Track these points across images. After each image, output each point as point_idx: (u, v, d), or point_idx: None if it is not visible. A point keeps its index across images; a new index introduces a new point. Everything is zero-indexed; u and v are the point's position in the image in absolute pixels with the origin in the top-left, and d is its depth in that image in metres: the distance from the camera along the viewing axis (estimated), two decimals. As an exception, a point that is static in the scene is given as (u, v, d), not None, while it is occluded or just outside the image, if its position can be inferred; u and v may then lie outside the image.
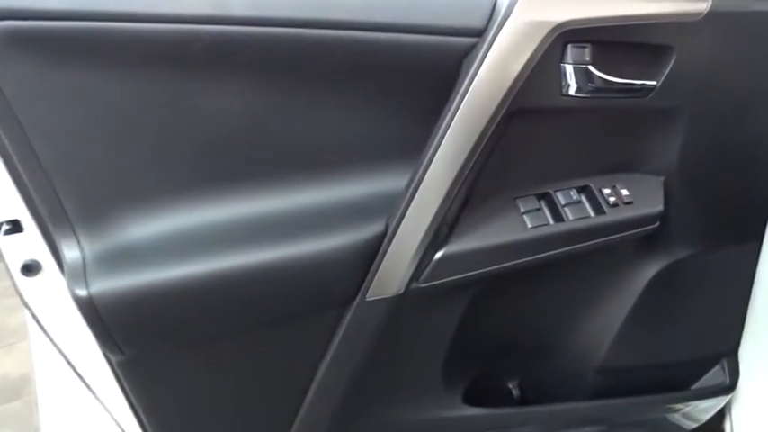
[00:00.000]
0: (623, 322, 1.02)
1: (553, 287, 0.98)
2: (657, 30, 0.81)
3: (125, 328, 0.76)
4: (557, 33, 0.76)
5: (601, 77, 0.81)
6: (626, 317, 1.02)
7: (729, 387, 1.10)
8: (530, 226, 0.85)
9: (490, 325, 0.98)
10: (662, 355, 1.09)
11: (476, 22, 0.75)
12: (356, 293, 0.83)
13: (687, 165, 0.91)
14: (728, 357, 1.11)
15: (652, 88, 0.84)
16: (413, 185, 0.81)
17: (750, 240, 1.03)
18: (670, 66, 0.83)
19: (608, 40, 0.80)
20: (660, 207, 0.91)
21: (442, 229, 0.82)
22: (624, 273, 0.99)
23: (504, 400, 1.08)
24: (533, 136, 0.85)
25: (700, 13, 0.81)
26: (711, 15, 0.82)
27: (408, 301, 0.84)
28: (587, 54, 0.80)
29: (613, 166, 0.91)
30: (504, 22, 0.75)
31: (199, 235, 0.78)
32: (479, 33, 0.76)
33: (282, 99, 0.77)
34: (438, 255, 0.83)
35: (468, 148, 0.79)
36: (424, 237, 0.81)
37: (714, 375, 1.11)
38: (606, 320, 1.03)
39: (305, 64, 0.75)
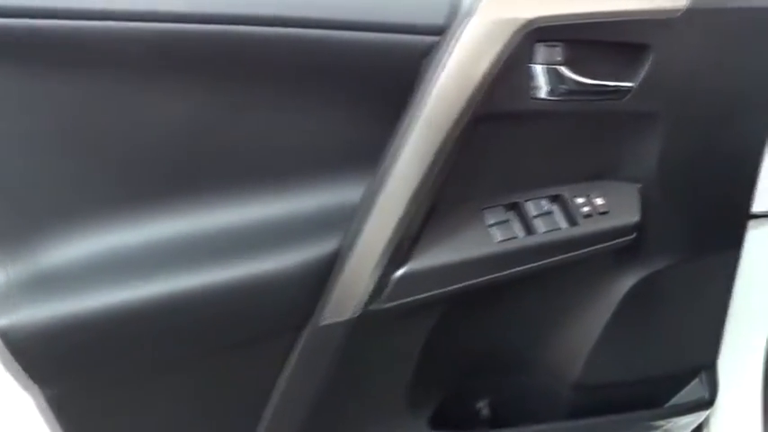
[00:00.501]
0: (599, 337, 0.97)
1: (525, 302, 0.92)
2: (633, 27, 0.75)
3: (52, 361, 0.68)
4: (525, 31, 0.70)
5: (573, 79, 0.75)
6: (602, 331, 0.96)
7: (709, 402, 1.05)
8: (497, 240, 0.79)
9: (458, 344, 0.92)
10: (639, 370, 1.03)
11: (435, 18, 0.69)
12: (310, 317, 0.76)
13: (665, 171, 0.86)
14: (707, 371, 1.06)
15: (628, 90, 0.78)
16: (371, 197, 0.74)
17: (728, 249, 0.98)
18: (647, 66, 0.77)
19: (581, 39, 0.74)
20: (637, 217, 0.85)
21: (403, 245, 0.75)
22: (599, 285, 0.93)
23: (475, 421, 1.02)
24: (501, 142, 0.78)
25: (678, 10, 0.76)
26: (690, 13, 0.76)
27: (367, 324, 0.77)
28: (559, 54, 0.74)
29: (588, 174, 0.85)
30: (468, 19, 0.69)
31: (134, 256, 0.70)
32: (440, 31, 0.69)
33: (225, 104, 0.69)
34: (399, 273, 0.76)
35: (431, 156, 0.72)
36: (384, 253, 0.74)
37: (693, 390, 1.06)
38: (581, 335, 0.97)
39: (249, 65, 0.68)
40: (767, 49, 0.84)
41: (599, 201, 0.83)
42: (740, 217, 0.97)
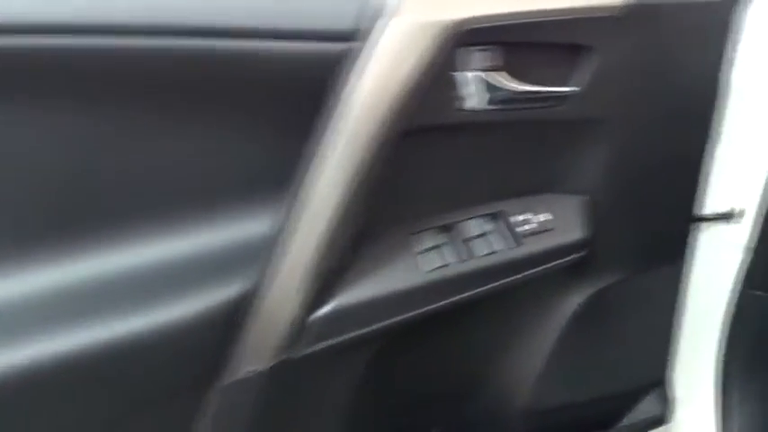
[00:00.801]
0: (548, 359, 0.90)
1: (468, 328, 0.84)
2: (572, 27, 0.68)
3: None
4: (452, 34, 0.61)
5: (508, 86, 0.67)
6: (550, 353, 0.89)
7: (661, 419, 1.00)
8: (427, 269, 0.70)
9: (399, 379, 0.83)
10: (591, 391, 0.97)
11: (344, 22, 0.59)
12: (221, 370, 0.66)
13: (612, 180, 0.79)
14: (659, 386, 1.00)
15: (570, 95, 0.71)
16: (284, 227, 0.64)
17: (674, 257, 0.92)
18: (589, 69, 0.70)
19: (515, 42, 0.67)
20: (585, 233, 0.78)
21: (324, 280, 0.66)
22: (546, 305, 0.86)
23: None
24: (431, 158, 0.70)
25: (617, 7, 0.69)
26: (632, 9, 0.69)
27: (289, 372, 0.67)
28: (490, 58, 0.66)
29: (530, 188, 0.77)
30: (386, 21, 0.60)
31: (7, 312, 0.59)
32: (351, 37, 0.60)
33: (104, 129, 0.58)
34: (321, 312, 0.66)
35: (350, 177, 0.63)
36: (302, 291, 0.65)
37: (645, 407, 1.01)
38: (530, 358, 0.90)
39: (131, 83, 0.58)
40: (710, 45, 0.79)
41: (543, 217, 0.76)
42: (686, 222, 0.91)
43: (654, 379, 1.01)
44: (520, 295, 0.82)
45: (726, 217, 0.94)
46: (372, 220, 0.68)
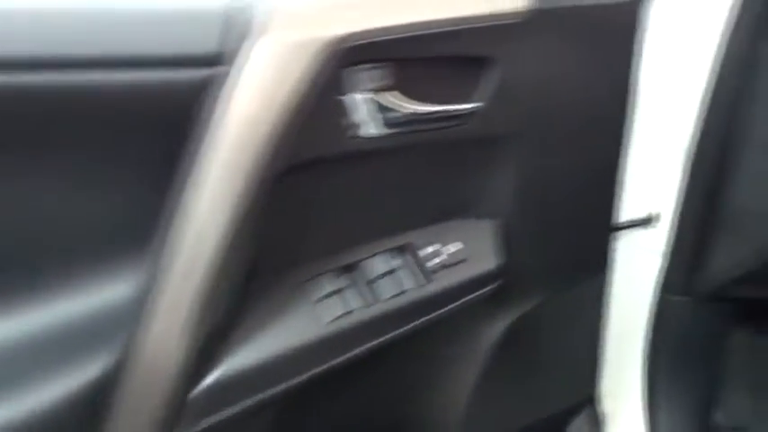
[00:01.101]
0: (474, 391, 0.83)
1: (384, 372, 0.76)
2: (470, 38, 0.61)
3: None
4: (333, 53, 0.53)
5: (404, 106, 0.60)
6: (476, 385, 0.83)
7: (594, 438, 0.96)
8: (329, 318, 0.61)
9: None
10: (521, 418, 0.91)
11: (207, 45, 0.50)
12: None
13: (526, 201, 0.73)
14: (589, 406, 0.96)
15: (474, 113, 0.64)
16: (151, 288, 0.54)
17: (595, 273, 0.88)
18: (493, 82, 0.63)
19: (408, 57, 0.59)
20: (499, 260, 0.71)
21: (204, 346, 0.56)
22: (466, 338, 0.79)
23: None
24: (324, 192, 0.61)
25: (519, 13, 0.62)
26: (534, 15, 0.63)
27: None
28: (382, 78, 0.58)
29: (438, 215, 0.70)
30: (255, 42, 0.51)
31: None
32: (215, 61, 0.50)
33: None
34: (204, 384, 0.57)
35: (226, 222, 0.54)
36: (178, 362, 0.55)
37: (576, 428, 0.96)
38: (455, 393, 0.83)
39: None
40: (617, 48, 0.74)
41: (454, 247, 0.68)
42: (605, 233, 0.87)
43: (584, 397, 0.96)
44: (437, 330, 0.74)
45: (643, 223, 0.92)
46: (258, 268, 0.59)
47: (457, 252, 0.68)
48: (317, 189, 0.60)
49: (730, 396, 1.03)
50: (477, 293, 0.70)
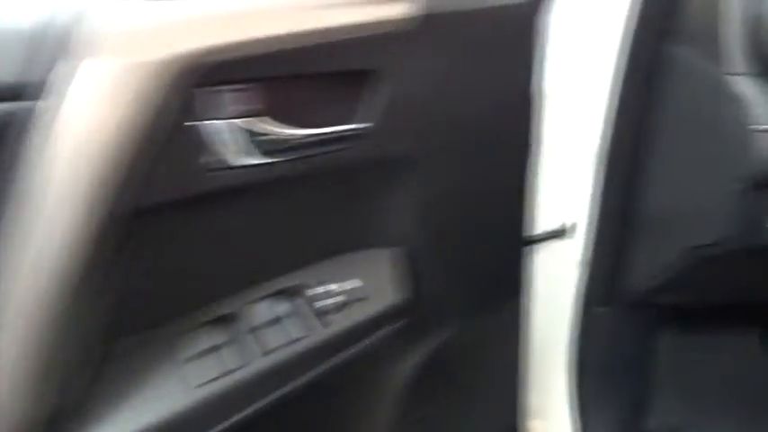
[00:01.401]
0: (393, 430, 0.76)
1: (286, 426, 0.67)
2: (351, 50, 0.54)
3: None
4: (181, 74, 0.45)
5: (277, 132, 0.52)
6: (393, 424, 0.75)
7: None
8: (200, 381, 0.52)
9: None
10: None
11: (6, 74, 0.41)
12: None
13: (430, 226, 0.66)
14: (516, 428, 0.91)
15: (362, 133, 0.56)
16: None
17: (513, 291, 0.83)
18: (381, 98, 0.57)
19: (279, 75, 0.51)
20: (404, 294, 0.64)
21: (55, 425, 0.47)
22: (372, 382, 0.71)
23: None
24: (188, 235, 0.53)
25: (405, 20, 0.56)
26: (422, 21, 0.57)
27: None
28: (249, 100, 0.50)
29: (331, 249, 0.62)
30: (74, 67, 0.42)
31: None
32: (18, 94, 0.41)
33: None
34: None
35: (68, 277, 0.45)
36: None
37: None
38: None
39: None
40: (517, 53, 0.69)
41: (350, 284, 0.61)
42: (519, 249, 0.81)
43: (508, 425, 0.91)
44: (339, 378, 0.66)
45: (558, 234, 0.88)
46: (111, 329, 0.50)
47: (354, 290, 0.60)
48: (181, 231, 0.51)
49: (661, 401, 1.01)
50: (381, 333, 0.62)
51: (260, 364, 0.55)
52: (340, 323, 0.59)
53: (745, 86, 0.64)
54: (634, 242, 0.84)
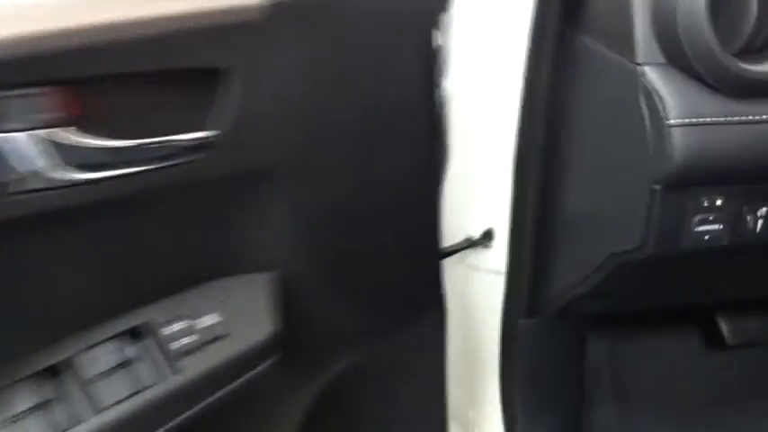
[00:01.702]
0: None
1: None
2: (189, 43, 0.45)
3: None
4: None
5: (95, 144, 0.43)
6: None
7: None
8: None
9: None
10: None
11: None
12: None
13: (308, 246, 0.58)
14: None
15: (209, 143, 0.48)
16: None
17: (430, 309, 0.75)
18: (233, 101, 0.48)
19: (94, 75, 0.42)
20: (277, 325, 0.55)
21: None
22: (258, 425, 0.62)
23: None
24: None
25: (259, 8, 0.47)
26: (282, 9, 0.49)
27: None
28: (52, 107, 0.41)
29: (187, 279, 0.53)
30: None
31: None
32: None
33: None
34: None
35: None
36: None
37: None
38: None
39: None
40: (409, 46, 0.61)
41: (209, 319, 0.52)
42: (435, 261, 0.74)
43: None
44: (212, 424, 0.57)
45: (476, 244, 0.81)
46: None
47: (213, 326, 0.51)
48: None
49: (595, 411, 0.96)
50: (252, 374, 0.53)
51: (95, 422, 0.45)
52: (195, 368, 0.50)
53: (659, 77, 0.58)
54: (555, 250, 0.78)
